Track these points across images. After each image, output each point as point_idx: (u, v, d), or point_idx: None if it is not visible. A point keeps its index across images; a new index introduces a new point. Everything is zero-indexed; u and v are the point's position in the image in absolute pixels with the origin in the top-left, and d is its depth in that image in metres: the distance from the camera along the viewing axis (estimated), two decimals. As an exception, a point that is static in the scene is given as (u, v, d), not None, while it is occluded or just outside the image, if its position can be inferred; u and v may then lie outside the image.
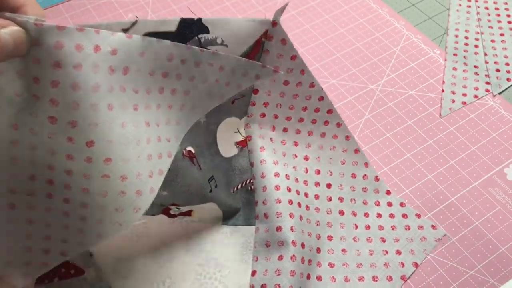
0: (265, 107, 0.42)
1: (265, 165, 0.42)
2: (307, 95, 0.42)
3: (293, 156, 0.44)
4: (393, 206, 0.44)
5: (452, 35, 0.58)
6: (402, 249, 0.41)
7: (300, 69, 0.40)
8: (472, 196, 0.45)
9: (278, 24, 0.37)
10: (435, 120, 0.50)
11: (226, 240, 0.41)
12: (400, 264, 0.40)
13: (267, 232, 0.40)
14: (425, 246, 0.41)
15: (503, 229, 0.43)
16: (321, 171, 0.44)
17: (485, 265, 0.41)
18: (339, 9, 0.62)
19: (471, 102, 0.52)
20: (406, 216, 0.43)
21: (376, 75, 0.54)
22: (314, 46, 0.57)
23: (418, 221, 0.43)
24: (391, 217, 0.43)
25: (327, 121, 0.44)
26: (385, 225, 0.43)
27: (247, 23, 0.36)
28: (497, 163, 0.47)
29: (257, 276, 0.38)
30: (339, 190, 0.44)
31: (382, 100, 0.52)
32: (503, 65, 0.55)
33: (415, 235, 0.42)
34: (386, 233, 0.42)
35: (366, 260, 0.41)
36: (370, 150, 0.48)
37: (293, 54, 0.39)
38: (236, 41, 0.36)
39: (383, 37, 0.58)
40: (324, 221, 0.42)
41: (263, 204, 0.41)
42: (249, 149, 0.43)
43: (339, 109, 0.51)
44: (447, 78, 0.54)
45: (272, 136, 0.43)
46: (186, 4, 0.62)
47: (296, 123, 0.44)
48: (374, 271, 0.40)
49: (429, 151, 0.48)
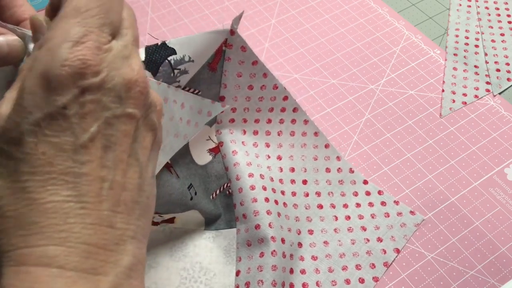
0: (233, 112, 0.43)
1: (238, 168, 0.42)
2: (271, 96, 0.43)
3: (266, 156, 0.44)
4: (371, 195, 0.44)
5: (452, 35, 0.58)
6: (383, 236, 0.42)
7: (263, 72, 0.41)
8: (472, 196, 0.45)
9: (236, 33, 0.38)
10: (435, 120, 0.50)
11: (210, 244, 0.41)
12: (382, 251, 0.41)
13: (247, 232, 0.40)
14: (405, 232, 0.42)
15: (503, 229, 0.43)
16: (295, 168, 0.45)
17: (485, 265, 0.41)
18: (339, 9, 0.62)
19: (471, 102, 0.52)
20: (385, 203, 0.44)
21: (376, 75, 0.54)
22: (314, 46, 0.57)
23: (396, 208, 0.43)
24: (370, 206, 0.44)
25: (294, 120, 0.45)
26: (364, 214, 0.43)
27: (208, 35, 0.38)
28: (497, 163, 0.47)
29: (241, 275, 0.39)
30: (315, 185, 0.44)
31: (382, 100, 0.52)
32: (503, 65, 0.55)
33: (395, 222, 0.43)
34: (367, 221, 0.43)
35: (348, 249, 0.41)
36: (370, 150, 0.48)
37: (254, 60, 0.40)
38: (201, 54, 0.38)
39: (383, 37, 0.58)
40: (303, 216, 0.43)
41: (240, 205, 0.41)
42: (222, 154, 0.44)
43: (339, 109, 0.51)
44: (447, 78, 0.54)
45: (244, 140, 0.44)
46: (186, 4, 0.62)
47: (265, 124, 0.45)
48: (357, 260, 0.41)
49: (429, 151, 0.48)
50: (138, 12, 0.61)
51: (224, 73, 0.41)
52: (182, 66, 0.37)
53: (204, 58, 0.39)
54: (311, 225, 0.42)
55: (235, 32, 0.38)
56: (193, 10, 0.61)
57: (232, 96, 0.42)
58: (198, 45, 0.37)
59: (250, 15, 0.61)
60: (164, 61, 0.36)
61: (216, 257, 0.40)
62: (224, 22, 0.59)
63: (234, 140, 0.44)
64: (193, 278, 0.39)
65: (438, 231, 0.43)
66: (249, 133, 0.45)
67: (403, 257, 0.41)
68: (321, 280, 0.40)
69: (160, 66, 0.36)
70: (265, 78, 0.42)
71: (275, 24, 0.60)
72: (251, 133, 0.45)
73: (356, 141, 0.49)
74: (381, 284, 0.40)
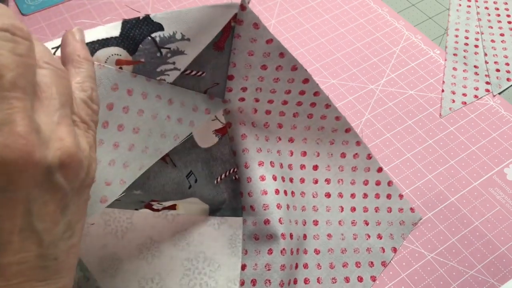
0: (244, 92, 0.39)
1: (248, 154, 0.40)
2: (289, 78, 0.38)
3: (277, 139, 0.42)
4: (381, 185, 0.44)
5: (452, 35, 0.58)
6: (382, 233, 0.42)
7: (279, 52, 0.36)
8: (472, 196, 0.45)
9: (248, 8, 0.33)
10: (435, 120, 0.50)
11: (215, 232, 0.40)
12: (381, 250, 0.41)
13: (255, 226, 0.39)
14: (403, 231, 0.42)
15: (503, 229, 0.43)
16: (307, 152, 0.43)
17: (485, 265, 0.41)
18: (339, 9, 0.62)
19: (471, 102, 0.52)
20: (390, 196, 0.44)
21: (376, 75, 0.54)
22: (314, 46, 0.57)
23: (399, 203, 0.44)
24: (377, 198, 0.44)
25: (313, 103, 0.41)
26: (369, 207, 0.43)
27: (210, 10, 0.32)
28: (497, 163, 0.47)
29: (247, 270, 0.38)
30: (326, 171, 0.43)
31: (382, 100, 0.52)
32: (503, 65, 0.55)
33: (395, 219, 0.43)
34: (370, 215, 0.43)
35: (350, 245, 0.41)
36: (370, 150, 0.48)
37: (269, 38, 0.35)
38: (200, 31, 0.32)
39: (383, 37, 0.58)
40: (310, 205, 0.42)
41: (248, 195, 0.39)
42: (230, 136, 0.41)
43: (339, 109, 0.51)
44: (447, 78, 0.54)
45: (254, 119, 0.41)
46: (186, 4, 0.62)
47: (279, 105, 0.40)
48: (357, 257, 0.41)
49: (429, 151, 0.48)
50: (138, 12, 0.61)
51: (233, 51, 0.36)
52: (173, 45, 0.31)
53: (206, 36, 0.33)
54: (316, 215, 0.42)
55: (247, 7, 0.33)
56: (193, 10, 0.61)
57: (243, 75, 0.37)
58: (195, 21, 0.32)
59: (250, 15, 0.61)
60: (146, 38, 0.30)
61: (220, 247, 0.39)
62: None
63: (243, 121, 0.40)
64: (197, 269, 0.39)
65: (438, 231, 0.43)
66: (260, 113, 0.41)
67: (403, 257, 0.41)
68: (322, 277, 0.40)
69: (140, 44, 0.30)
70: (282, 58, 0.37)
71: (275, 24, 0.60)
72: (263, 112, 0.41)
73: (356, 141, 0.49)
74: (381, 284, 0.40)
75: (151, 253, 0.39)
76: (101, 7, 0.62)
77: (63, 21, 0.60)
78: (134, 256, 0.39)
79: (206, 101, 0.36)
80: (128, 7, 0.55)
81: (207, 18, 0.32)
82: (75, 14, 0.61)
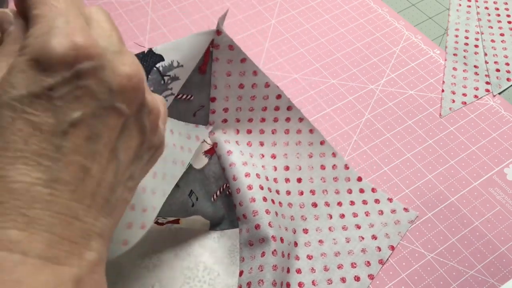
0: (226, 112, 0.43)
1: (235, 168, 0.42)
2: (264, 95, 0.43)
3: (260, 156, 0.44)
4: (365, 193, 0.44)
5: (452, 35, 0.58)
6: (377, 234, 0.42)
7: (252, 70, 0.41)
8: (472, 196, 0.45)
9: (223, 32, 0.38)
10: (435, 120, 0.50)
11: (215, 245, 0.41)
12: (376, 249, 0.41)
13: (248, 232, 0.40)
14: (400, 229, 0.42)
15: (503, 229, 0.43)
16: (290, 167, 0.45)
17: (485, 265, 0.41)
18: (339, 9, 0.62)
19: (471, 102, 0.52)
20: (378, 201, 0.44)
21: (376, 75, 0.54)
22: (314, 46, 0.57)
23: (390, 205, 0.44)
24: (364, 204, 0.44)
25: (288, 118, 0.45)
26: (359, 212, 0.43)
27: (195, 37, 0.37)
28: (497, 163, 0.47)
29: (243, 275, 0.39)
30: (310, 183, 0.44)
31: (382, 100, 0.52)
32: (503, 65, 0.55)
33: (389, 219, 0.43)
34: (361, 219, 0.43)
35: (343, 247, 0.41)
36: (370, 150, 0.48)
37: (242, 57, 0.40)
38: (189, 58, 0.37)
39: (383, 37, 0.58)
40: (298, 215, 0.43)
41: (240, 205, 0.41)
42: (218, 155, 0.44)
43: (339, 109, 0.51)
44: (447, 78, 0.54)
45: (238, 139, 0.44)
46: (186, 4, 0.62)
47: (258, 123, 0.45)
48: (352, 258, 0.41)
49: (429, 151, 0.48)
50: (138, 12, 0.61)
51: (213, 74, 0.40)
52: (172, 72, 0.36)
53: (194, 62, 0.38)
54: (305, 224, 0.42)
55: (222, 31, 0.38)
56: (193, 10, 0.62)
57: (223, 96, 0.42)
58: (185, 49, 0.36)
59: (250, 15, 0.61)
60: (152, 68, 0.35)
61: (220, 258, 0.40)
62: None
63: (228, 140, 0.44)
64: (197, 277, 0.39)
65: (438, 231, 0.43)
66: (242, 133, 0.45)
67: (403, 257, 0.41)
68: (317, 279, 0.40)
69: (149, 75, 0.35)
70: (256, 76, 0.42)
71: (275, 24, 0.60)
72: (244, 132, 0.45)
73: (356, 141, 0.49)
74: (381, 284, 0.40)
75: (152, 262, 0.40)
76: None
77: (63, 21, 0.60)
78: (135, 264, 0.40)
79: (194, 129, 0.40)
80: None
81: (194, 45, 0.37)
82: (75, 14, 0.61)
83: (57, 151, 0.19)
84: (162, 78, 0.36)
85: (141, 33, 0.59)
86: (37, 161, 0.19)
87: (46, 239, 0.19)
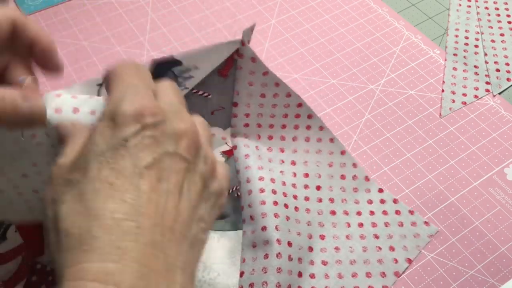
0: (247, 117, 0.44)
1: (250, 171, 0.42)
2: (285, 103, 0.44)
3: (280, 161, 0.45)
4: (386, 203, 0.44)
5: (452, 35, 0.58)
6: (395, 246, 0.41)
7: (274, 82, 0.42)
8: (472, 196, 0.45)
9: (247, 44, 0.39)
10: (435, 120, 0.50)
11: (214, 245, 0.41)
12: (393, 260, 0.41)
13: (253, 233, 0.40)
14: (418, 243, 0.42)
15: (503, 229, 0.43)
16: (310, 174, 0.45)
17: (485, 265, 0.41)
18: (339, 9, 0.62)
19: (471, 102, 0.52)
20: (399, 212, 0.43)
21: (376, 75, 0.54)
22: (314, 46, 0.57)
23: (411, 218, 0.43)
24: (385, 214, 0.43)
25: (309, 126, 0.45)
26: (378, 222, 0.43)
27: (219, 46, 0.39)
28: (497, 163, 0.47)
29: (245, 276, 0.39)
30: (329, 191, 0.44)
31: (382, 100, 0.52)
32: (503, 65, 0.55)
33: (408, 232, 0.42)
34: (380, 230, 0.42)
35: (359, 256, 0.41)
36: (370, 150, 0.48)
37: (265, 70, 0.41)
38: (208, 61, 0.39)
39: (383, 37, 0.58)
40: (315, 221, 0.42)
41: (248, 207, 0.41)
42: (235, 157, 0.44)
43: (339, 109, 0.51)
44: (447, 78, 0.54)
45: (258, 144, 0.45)
46: (186, 4, 0.62)
47: (279, 130, 0.45)
48: (368, 268, 0.40)
49: (429, 151, 0.48)
50: (138, 12, 0.61)
51: (236, 81, 0.42)
52: (187, 73, 0.38)
53: (212, 65, 0.39)
54: (323, 230, 0.42)
55: (246, 44, 0.39)
56: (193, 10, 0.62)
57: (245, 103, 0.43)
58: (206, 55, 0.38)
59: (250, 15, 0.61)
60: (168, 72, 0.37)
61: (220, 258, 0.40)
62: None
63: (247, 145, 0.44)
64: (197, 277, 0.39)
65: (438, 231, 0.43)
66: (263, 138, 0.45)
67: (403, 257, 0.41)
68: (330, 286, 0.39)
69: (166, 76, 0.37)
70: (277, 87, 0.43)
71: (275, 24, 0.60)
72: (265, 138, 0.45)
73: (356, 141, 0.49)
74: (381, 284, 0.40)
75: None
76: (101, 7, 0.62)
77: (63, 21, 0.60)
78: None
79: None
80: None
81: (216, 50, 0.39)
82: (75, 14, 0.61)
83: (137, 190, 0.23)
84: (176, 79, 0.37)
85: (141, 33, 0.59)
86: (122, 199, 0.22)
87: (136, 271, 0.21)
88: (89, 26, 0.60)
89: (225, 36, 0.58)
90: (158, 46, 0.57)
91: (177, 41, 0.58)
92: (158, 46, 0.57)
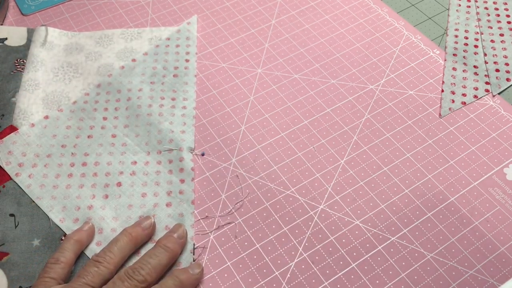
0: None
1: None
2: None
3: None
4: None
5: (451, 35, 0.59)
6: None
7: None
8: (471, 196, 0.45)
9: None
10: (435, 120, 0.50)
11: None
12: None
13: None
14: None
15: (503, 229, 0.43)
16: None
17: (485, 264, 0.41)
18: (339, 10, 0.62)
19: (470, 102, 0.52)
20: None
21: (376, 75, 0.54)
22: (314, 46, 0.57)
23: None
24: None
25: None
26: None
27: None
28: (496, 163, 0.47)
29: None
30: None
31: (381, 100, 0.52)
32: (503, 65, 0.55)
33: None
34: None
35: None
36: (370, 150, 0.48)
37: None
38: None
39: (383, 37, 0.58)
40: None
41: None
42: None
43: (339, 109, 0.51)
44: (447, 78, 0.54)
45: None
46: (186, 4, 0.62)
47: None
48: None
49: (428, 151, 0.48)
50: (138, 12, 0.61)
51: None
52: None
53: None
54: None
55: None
56: (193, 10, 0.62)
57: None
58: None
59: (250, 15, 0.61)
60: None
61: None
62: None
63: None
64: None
65: (438, 230, 0.43)
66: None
67: (402, 257, 0.41)
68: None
69: None
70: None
71: (275, 25, 0.60)
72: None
73: (356, 141, 0.49)
74: (381, 283, 0.40)
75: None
76: (101, 7, 0.62)
77: (63, 21, 0.60)
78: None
79: None
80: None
81: None
82: (75, 14, 0.61)
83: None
84: None
85: (141, 33, 0.59)
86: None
87: None
88: (89, 26, 0.60)
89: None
90: (158, 46, 0.57)
91: (177, 41, 0.58)
92: (158, 46, 0.57)
